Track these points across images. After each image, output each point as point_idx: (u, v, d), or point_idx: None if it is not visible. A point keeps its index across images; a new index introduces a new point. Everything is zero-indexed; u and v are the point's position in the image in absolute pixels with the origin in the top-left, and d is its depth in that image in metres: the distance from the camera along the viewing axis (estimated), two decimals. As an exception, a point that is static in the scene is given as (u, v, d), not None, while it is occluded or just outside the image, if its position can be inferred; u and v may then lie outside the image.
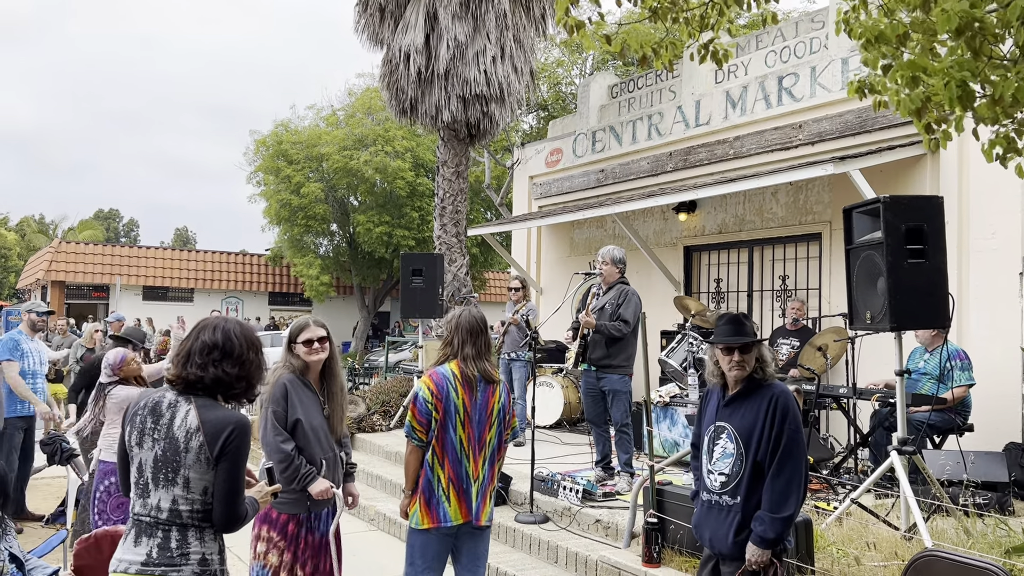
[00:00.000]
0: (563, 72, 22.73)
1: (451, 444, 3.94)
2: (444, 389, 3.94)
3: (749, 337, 3.53)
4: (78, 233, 42.44)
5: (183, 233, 65.62)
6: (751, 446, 3.43)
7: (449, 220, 12.46)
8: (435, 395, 3.93)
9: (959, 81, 3.52)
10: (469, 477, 3.98)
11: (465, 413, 3.96)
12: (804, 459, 3.40)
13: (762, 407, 3.44)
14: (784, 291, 9.53)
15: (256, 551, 3.91)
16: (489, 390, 4.04)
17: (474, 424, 3.98)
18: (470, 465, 3.98)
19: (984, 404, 6.81)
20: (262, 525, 3.93)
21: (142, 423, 2.71)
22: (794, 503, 3.33)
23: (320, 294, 25.80)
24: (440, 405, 3.92)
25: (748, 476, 3.42)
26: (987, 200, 7.33)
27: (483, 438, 4.02)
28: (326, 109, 25.99)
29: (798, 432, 3.40)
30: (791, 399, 3.46)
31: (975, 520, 4.96)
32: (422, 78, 11.85)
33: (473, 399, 3.98)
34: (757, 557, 3.33)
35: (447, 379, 3.96)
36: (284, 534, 3.93)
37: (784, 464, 3.35)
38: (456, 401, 3.94)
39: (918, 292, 4.97)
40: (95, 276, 27.04)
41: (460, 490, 3.96)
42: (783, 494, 3.32)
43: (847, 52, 8.49)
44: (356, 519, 7.81)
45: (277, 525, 3.93)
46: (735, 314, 3.67)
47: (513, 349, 9.03)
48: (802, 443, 3.40)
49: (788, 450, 3.35)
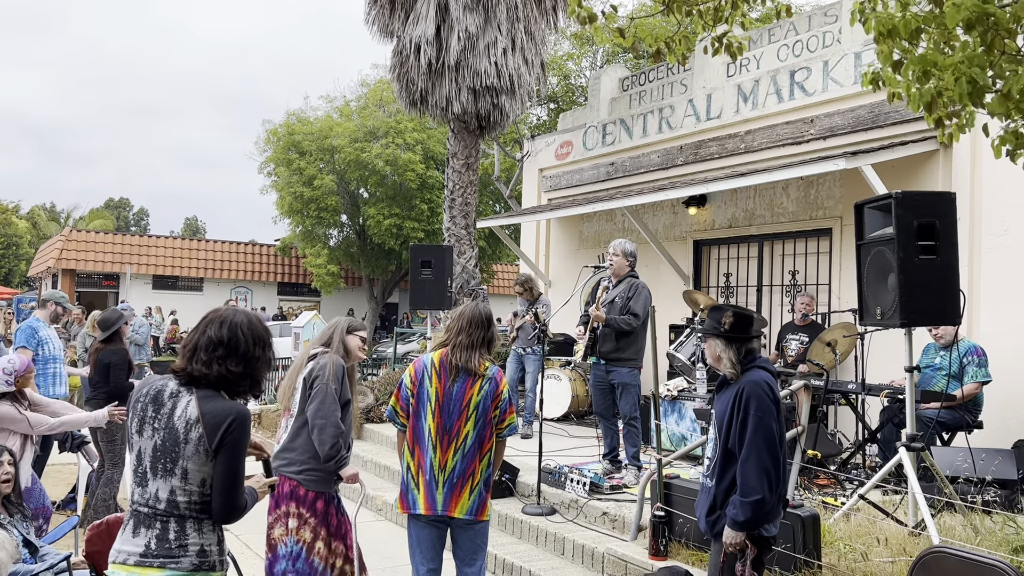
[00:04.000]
0: (573, 65, 22.67)
1: (420, 432, 4.01)
2: (420, 376, 4.01)
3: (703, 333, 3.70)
4: (88, 222, 42.63)
5: (193, 223, 65.88)
6: (723, 432, 3.60)
7: (458, 212, 12.46)
8: (413, 381, 4.01)
9: (970, 77, 3.51)
10: (434, 468, 3.98)
11: (437, 402, 3.99)
12: (773, 445, 3.46)
13: (733, 396, 3.59)
14: (794, 286, 9.50)
15: (288, 527, 4.01)
16: (469, 382, 4.02)
17: (445, 414, 3.99)
18: (436, 455, 3.99)
19: (994, 401, 6.79)
20: (289, 502, 4.03)
21: (143, 411, 2.69)
22: (762, 488, 3.40)
23: (329, 284, 25.87)
24: (415, 391, 3.99)
25: (720, 460, 3.60)
26: (999, 196, 7.29)
27: (455, 429, 4.00)
28: (339, 100, 26.03)
29: (766, 418, 3.47)
30: (760, 388, 3.54)
31: (983, 517, 4.95)
32: (432, 70, 11.84)
33: (448, 389, 4.00)
34: (731, 539, 3.49)
35: (424, 367, 4.03)
36: (314, 511, 4.05)
37: (751, 450, 3.46)
38: (429, 389, 3.99)
39: (929, 288, 4.96)
40: (105, 265, 27.17)
41: (425, 480, 4.00)
42: (750, 479, 3.43)
43: (860, 47, 8.45)
44: (364, 509, 7.83)
45: (306, 502, 4.05)
46: (716, 306, 3.82)
47: (525, 344, 9.06)
48: (770, 429, 3.46)
49: (754, 436, 3.45)
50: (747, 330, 3.68)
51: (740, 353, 3.66)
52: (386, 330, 27.34)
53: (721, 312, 3.72)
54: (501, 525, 6.64)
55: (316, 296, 29.16)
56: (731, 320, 3.66)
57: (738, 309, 3.75)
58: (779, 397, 3.60)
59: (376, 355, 18.88)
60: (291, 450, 4.06)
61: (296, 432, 4.07)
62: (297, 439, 4.06)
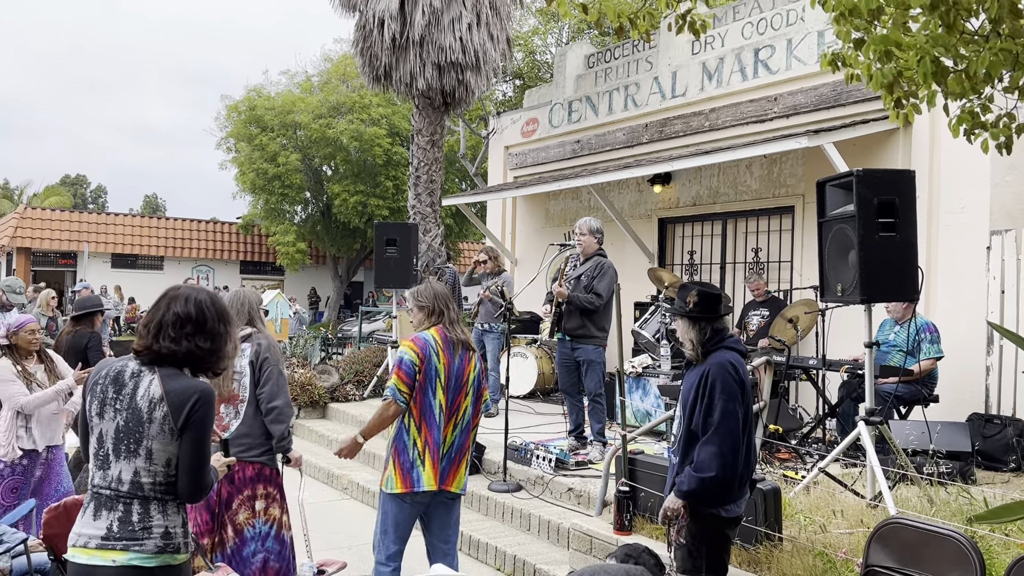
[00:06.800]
0: (539, 40, 22.52)
1: (429, 408, 3.99)
2: (427, 352, 3.99)
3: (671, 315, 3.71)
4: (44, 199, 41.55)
5: (152, 200, 64.57)
6: (687, 413, 3.63)
7: (424, 189, 12.36)
8: (420, 358, 3.97)
9: (932, 57, 3.54)
10: (442, 443, 4.03)
11: (445, 378, 4.01)
12: (736, 430, 3.49)
13: (698, 377, 3.59)
14: (756, 263, 9.60)
15: (255, 509, 4.04)
16: (466, 357, 4.11)
17: (450, 390, 4.04)
18: (444, 431, 4.04)
19: (949, 376, 6.94)
20: (256, 485, 4.08)
21: (103, 392, 2.64)
22: (717, 468, 3.45)
23: (296, 262, 25.59)
24: (423, 368, 3.96)
25: (683, 439, 3.66)
26: (957, 175, 7.41)
27: (456, 404, 4.07)
28: (300, 75, 25.60)
29: (729, 403, 3.48)
30: (725, 370, 3.53)
31: (939, 489, 5.08)
32: (396, 45, 11.67)
33: (452, 365, 4.04)
34: (670, 503, 3.60)
35: (429, 344, 4.01)
36: (278, 486, 4.16)
37: (712, 435, 3.48)
38: (437, 365, 3.99)
39: (888, 265, 5.03)
40: (62, 243, 26.56)
41: (436, 456, 4.00)
42: (707, 459, 3.47)
43: (823, 25, 8.49)
44: (330, 488, 7.82)
45: (272, 481, 4.14)
46: (684, 285, 3.84)
47: (487, 320, 9.03)
48: (733, 415, 3.48)
49: (717, 421, 3.48)
50: (715, 309, 3.65)
51: (705, 334, 3.63)
52: (350, 309, 27.15)
53: (687, 291, 3.69)
54: (467, 502, 6.66)
55: (280, 275, 28.80)
56: (695, 299, 3.63)
57: (704, 288, 3.70)
58: (746, 378, 3.59)
59: (341, 334, 18.76)
60: (249, 435, 4.08)
61: (252, 417, 4.09)
62: (253, 423, 4.08)
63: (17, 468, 4.99)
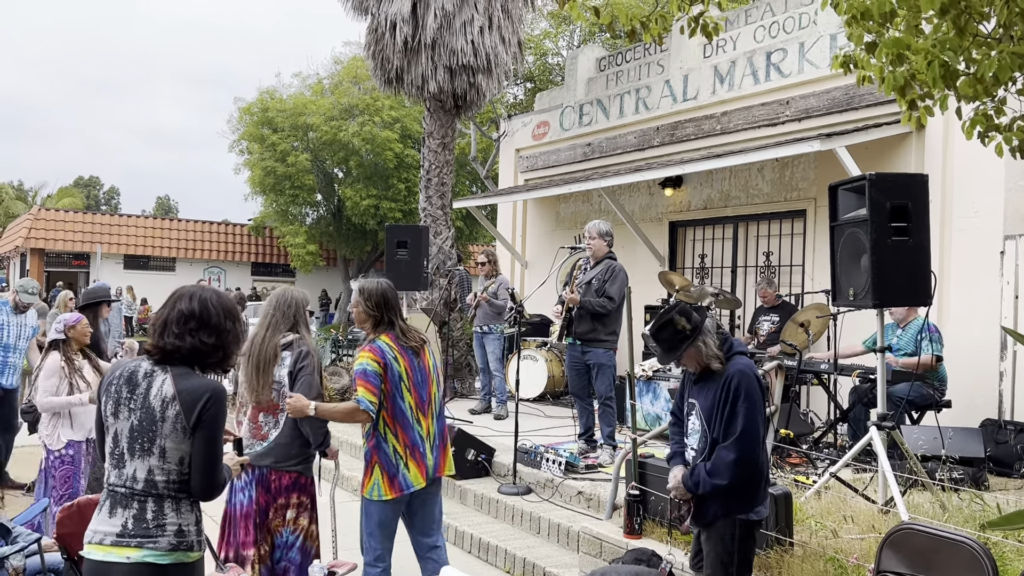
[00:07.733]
0: (551, 44, 22.54)
1: (400, 411, 4.03)
2: (386, 359, 4.02)
3: (675, 355, 3.62)
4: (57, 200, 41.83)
5: (165, 202, 64.97)
6: (711, 425, 3.58)
7: (435, 192, 12.37)
8: (381, 366, 4.00)
9: (942, 60, 3.53)
10: (422, 438, 4.09)
11: (408, 378, 4.07)
12: (757, 440, 3.47)
13: (719, 389, 3.54)
14: (768, 267, 9.57)
15: (286, 518, 4.03)
16: (423, 352, 4.19)
17: (417, 386, 4.10)
18: (422, 426, 4.10)
19: (962, 380, 6.90)
20: (292, 493, 4.06)
21: (117, 392, 2.68)
22: (731, 478, 3.45)
23: (307, 263, 25.67)
24: (385, 376, 4.00)
25: (709, 453, 3.59)
26: (970, 178, 7.37)
27: (427, 396, 4.15)
28: (312, 77, 25.71)
29: (752, 411, 3.46)
30: (748, 379, 3.50)
31: (951, 495, 5.04)
32: (408, 48, 11.69)
33: (412, 364, 4.10)
34: (676, 485, 3.63)
35: (386, 351, 4.03)
36: (310, 495, 4.15)
37: (734, 442, 3.46)
38: (399, 369, 4.04)
39: (901, 270, 5.00)
40: (75, 244, 26.76)
41: (418, 454, 4.05)
42: (722, 467, 3.46)
43: (835, 28, 8.46)
44: (340, 489, 7.81)
45: (306, 489, 4.12)
46: (662, 323, 3.65)
47: (485, 322, 9.04)
48: (755, 424, 3.46)
49: (743, 431, 3.45)
50: (702, 313, 3.63)
51: (717, 341, 3.58)
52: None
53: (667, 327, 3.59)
54: (477, 505, 6.67)
55: (291, 276, 28.92)
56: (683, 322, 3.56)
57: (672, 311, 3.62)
58: (764, 384, 3.60)
59: (351, 335, 18.78)
60: (286, 445, 4.05)
61: (291, 427, 4.04)
62: (292, 433, 4.05)
63: (66, 458, 5.28)
